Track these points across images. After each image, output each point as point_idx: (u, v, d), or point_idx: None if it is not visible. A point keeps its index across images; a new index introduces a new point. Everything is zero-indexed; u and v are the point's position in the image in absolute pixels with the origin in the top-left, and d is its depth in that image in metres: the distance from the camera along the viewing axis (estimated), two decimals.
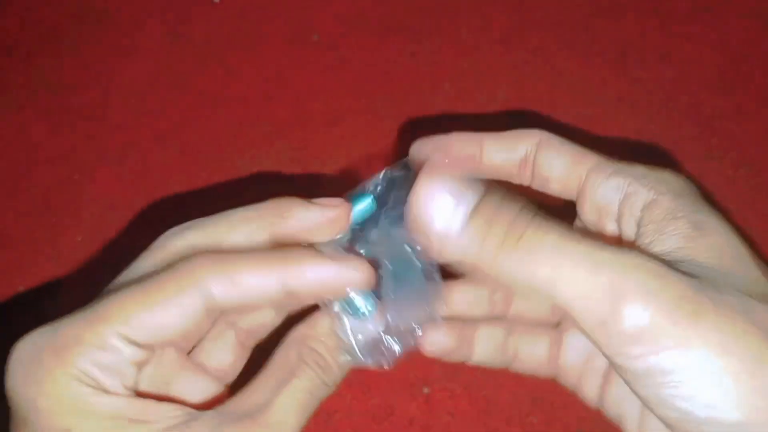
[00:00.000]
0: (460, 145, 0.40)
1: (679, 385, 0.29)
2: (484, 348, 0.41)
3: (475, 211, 0.31)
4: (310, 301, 0.37)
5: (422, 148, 0.39)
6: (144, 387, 0.35)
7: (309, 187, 0.56)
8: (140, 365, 0.33)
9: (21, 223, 0.56)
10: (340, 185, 0.39)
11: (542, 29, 0.62)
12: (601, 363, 0.40)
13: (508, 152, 0.40)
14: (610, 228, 0.38)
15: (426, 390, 0.50)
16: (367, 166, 0.56)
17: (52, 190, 0.57)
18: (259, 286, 0.33)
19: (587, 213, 0.39)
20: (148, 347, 0.33)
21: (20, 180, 0.58)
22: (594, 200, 0.38)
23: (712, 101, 0.59)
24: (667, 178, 0.36)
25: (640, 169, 0.37)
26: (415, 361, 0.50)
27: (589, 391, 0.41)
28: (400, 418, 0.49)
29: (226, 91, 0.61)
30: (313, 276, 0.34)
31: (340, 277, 0.34)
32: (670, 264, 0.31)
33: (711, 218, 0.33)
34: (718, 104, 0.59)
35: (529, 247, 0.30)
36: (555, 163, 0.39)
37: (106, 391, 0.32)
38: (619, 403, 0.39)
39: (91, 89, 0.61)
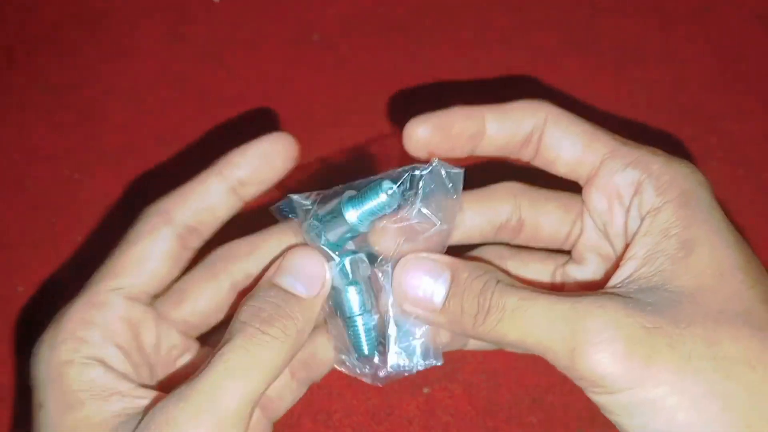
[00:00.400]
0: (461, 123, 0.38)
1: (635, 416, 0.32)
2: None
3: (450, 292, 0.35)
4: (263, 182, 0.39)
5: (420, 127, 0.38)
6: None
7: (309, 186, 0.56)
8: (131, 323, 0.36)
9: (21, 223, 0.56)
10: (341, 180, 0.39)
11: (542, 29, 0.62)
12: None
13: (512, 128, 0.38)
14: (618, 219, 0.37)
15: (426, 390, 0.50)
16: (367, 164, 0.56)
17: (52, 190, 0.57)
18: (206, 189, 0.38)
19: (596, 200, 0.38)
20: (136, 296, 0.36)
21: (20, 180, 0.58)
22: (606, 190, 0.37)
23: (712, 101, 0.59)
24: (680, 179, 0.35)
25: (657, 164, 0.36)
26: None
27: None
28: (399, 418, 0.49)
29: (226, 91, 0.61)
30: (241, 155, 0.38)
31: (264, 142, 0.39)
32: (630, 299, 0.33)
33: (704, 231, 0.34)
34: (718, 104, 0.59)
35: (496, 317, 0.34)
36: (564, 145, 0.38)
37: (88, 355, 0.34)
38: None
39: (91, 89, 0.61)
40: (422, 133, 0.38)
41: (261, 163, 0.39)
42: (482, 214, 0.41)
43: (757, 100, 0.59)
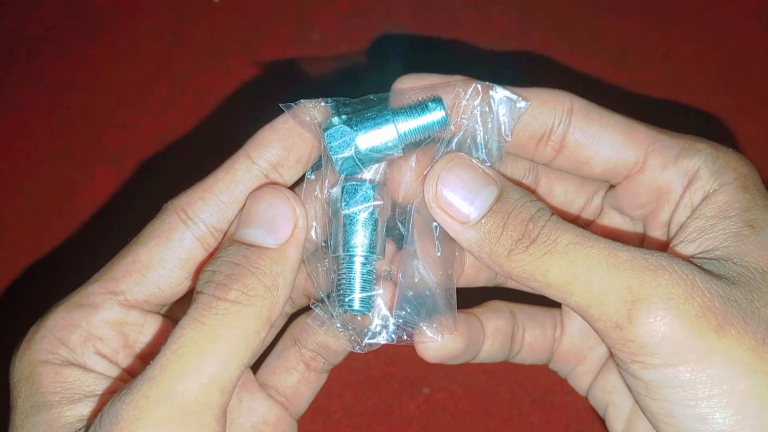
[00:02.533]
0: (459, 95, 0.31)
1: (695, 404, 0.26)
2: (492, 344, 0.38)
3: (492, 208, 0.30)
4: (300, 160, 0.33)
5: (411, 85, 0.32)
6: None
7: None
8: (125, 330, 0.32)
9: (21, 222, 0.56)
10: None
11: (542, 29, 0.62)
12: (601, 350, 0.39)
13: (528, 120, 0.32)
14: (664, 214, 0.33)
15: (426, 390, 0.50)
16: None
17: (52, 190, 0.57)
18: (231, 176, 0.32)
19: (636, 197, 0.34)
20: (136, 304, 0.32)
21: (20, 180, 0.58)
22: (653, 185, 0.33)
23: (712, 101, 0.59)
24: (734, 162, 0.32)
25: (706, 150, 0.32)
26: (415, 361, 0.50)
27: (582, 376, 0.40)
28: (400, 418, 0.49)
29: (226, 91, 0.61)
30: (272, 131, 0.33)
31: (295, 111, 0.32)
32: (701, 268, 0.28)
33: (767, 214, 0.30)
34: (718, 104, 0.59)
35: (543, 249, 0.29)
36: (602, 142, 0.32)
37: (64, 357, 0.30)
38: (611, 392, 0.38)
39: (91, 89, 0.61)
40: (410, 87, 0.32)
41: (297, 138, 0.32)
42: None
43: (757, 100, 0.59)
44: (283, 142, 0.32)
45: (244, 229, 0.30)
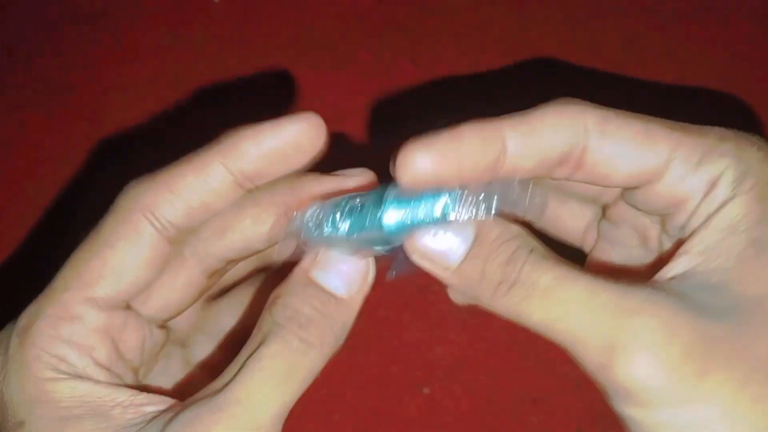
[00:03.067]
0: (476, 150, 0.30)
1: None
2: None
3: (470, 252, 0.30)
4: (275, 176, 0.32)
5: (420, 156, 0.30)
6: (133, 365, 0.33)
7: None
8: (110, 334, 0.32)
9: (21, 223, 0.56)
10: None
11: (542, 29, 0.62)
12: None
13: (543, 149, 0.31)
14: (680, 219, 0.32)
15: (426, 390, 0.50)
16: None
17: (52, 190, 0.57)
18: (202, 182, 0.32)
19: (654, 204, 0.32)
20: (114, 305, 0.32)
21: (20, 180, 0.58)
22: (672, 193, 0.31)
23: (712, 101, 0.59)
24: (756, 165, 0.30)
25: (731, 152, 0.30)
26: (415, 361, 0.50)
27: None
28: (399, 418, 0.49)
29: (226, 91, 0.61)
30: (254, 142, 0.32)
31: (286, 129, 0.32)
32: (688, 299, 0.28)
33: None
34: (718, 104, 0.59)
35: (523, 292, 0.29)
36: (620, 157, 0.31)
37: (69, 372, 0.30)
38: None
39: (91, 89, 0.61)
40: (423, 165, 0.30)
41: (277, 157, 0.32)
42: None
43: (757, 100, 0.59)
44: (263, 161, 0.32)
45: (323, 272, 0.31)
